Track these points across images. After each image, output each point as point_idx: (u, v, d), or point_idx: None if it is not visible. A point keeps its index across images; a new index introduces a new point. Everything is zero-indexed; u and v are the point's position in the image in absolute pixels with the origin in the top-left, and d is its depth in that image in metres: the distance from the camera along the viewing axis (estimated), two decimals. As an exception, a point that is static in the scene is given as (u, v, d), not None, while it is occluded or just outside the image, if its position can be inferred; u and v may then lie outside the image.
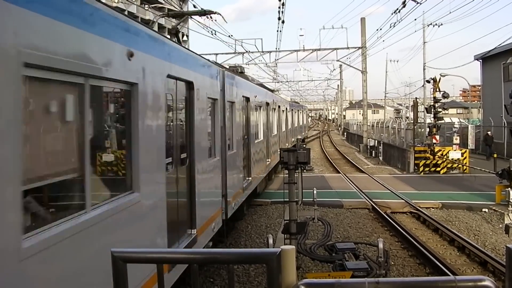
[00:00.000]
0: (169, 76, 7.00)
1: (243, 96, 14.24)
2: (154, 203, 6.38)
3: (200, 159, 8.82)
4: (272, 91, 27.43)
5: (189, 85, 8.23)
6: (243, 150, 14.00)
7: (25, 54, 3.59)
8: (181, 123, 8.14)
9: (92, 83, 4.70)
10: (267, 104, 20.56)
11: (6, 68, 3.42)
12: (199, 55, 9.77)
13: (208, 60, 10.76)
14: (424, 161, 27.47)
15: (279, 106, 25.94)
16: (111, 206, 5.06)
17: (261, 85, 22.45)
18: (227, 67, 16.30)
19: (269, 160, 20.70)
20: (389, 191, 20.35)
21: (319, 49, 45.75)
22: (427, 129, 30.12)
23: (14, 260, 3.44)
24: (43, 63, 3.85)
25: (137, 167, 5.74)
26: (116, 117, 6.05)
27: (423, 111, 39.24)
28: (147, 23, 9.62)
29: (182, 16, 14.58)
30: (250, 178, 15.13)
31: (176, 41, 9.29)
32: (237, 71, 15.36)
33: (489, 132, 33.02)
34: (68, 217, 4.24)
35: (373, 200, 18.44)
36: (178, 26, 12.39)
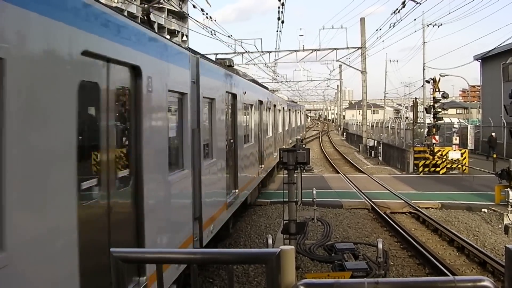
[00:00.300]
0: (88, 54, 4.63)
1: (227, 92, 11.80)
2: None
3: (154, 175, 6.42)
4: (267, 88, 25.12)
5: (134, 71, 5.86)
6: (227, 157, 11.37)
7: None
8: (120, 124, 5.80)
9: None
10: (260, 102, 18.39)
11: None
12: (157, 32, 7.53)
13: (173, 41, 8.32)
14: (424, 161, 27.49)
15: (274, 105, 24.08)
16: None
17: (254, 81, 19.44)
18: (214, 59, 15.10)
19: (262, 165, 18.38)
20: (389, 191, 20.36)
21: (318, 49, 45.76)
22: (426, 129, 30.12)
23: None
24: None
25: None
26: None
27: (422, 111, 39.24)
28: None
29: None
30: (236, 191, 12.58)
31: (149, 28, 7.00)
32: (225, 64, 13.01)
33: (493, 134, 32.96)
34: None
35: (373, 200, 18.44)
36: (150, 9, 10.60)
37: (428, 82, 31.59)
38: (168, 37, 10.46)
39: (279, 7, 25.90)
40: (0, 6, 3.36)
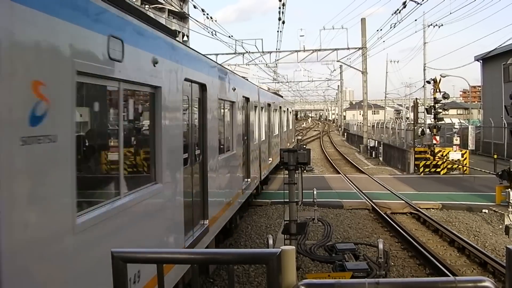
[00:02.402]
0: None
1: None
2: None
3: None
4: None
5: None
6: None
7: None
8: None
9: None
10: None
11: None
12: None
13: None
14: (424, 161, 27.48)
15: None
16: None
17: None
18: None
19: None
20: (389, 192, 20.35)
21: (319, 50, 45.76)
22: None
23: None
24: None
25: None
26: None
27: (423, 112, 39.22)
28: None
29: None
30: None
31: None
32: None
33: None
34: None
35: (373, 200, 18.44)
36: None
37: (428, 82, 31.57)
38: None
39: (279, 8, 25.99)
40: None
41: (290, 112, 36.86)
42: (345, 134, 74.02)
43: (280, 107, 27.31)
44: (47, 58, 3.90)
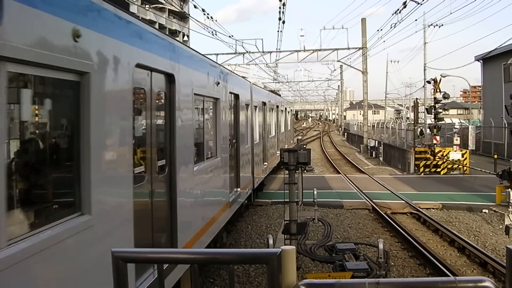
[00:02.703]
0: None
1: None
2: None
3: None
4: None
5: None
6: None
7: None
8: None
9: None
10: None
11: None
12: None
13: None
14: (425, 161, 27.48)
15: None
16: None
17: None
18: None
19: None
20: (389, 192, 20.35)
21: (319, 50, 45.78)
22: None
23: None
24: None
25: None
26: None
27: (423, 112, 39.22)
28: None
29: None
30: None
31: None
32: None
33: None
34: None
35: (373, 200, 18.44)
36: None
37: (429, 82, 31.57)
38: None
39: (280, 7, 26.01)
40: None
41: (289, 112, 34.97)
42: (345, 134, 74.03)
43: (277, 107, 25.58)
44: None
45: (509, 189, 15.65)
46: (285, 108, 30.77)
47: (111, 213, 4.89)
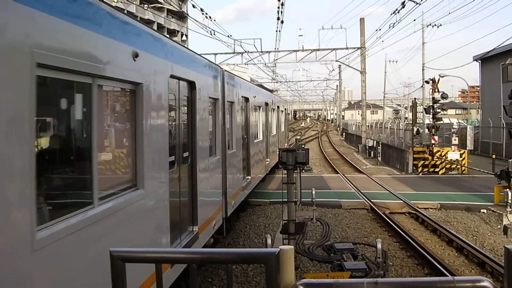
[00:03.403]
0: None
1: None
2: None
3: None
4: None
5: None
6: None
7: None
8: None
9: None
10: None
11: None
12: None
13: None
14: (423, 161, 27.50)
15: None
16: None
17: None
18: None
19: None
20: (388, 192, 20.36)
21: (318, 49, 45.75)
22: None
23: None
24: None
25: None
26: None
27: (422, 112, 39.27)
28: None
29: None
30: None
31: None
32: None
33: None
34: None
35: (372, 200, 18.44)
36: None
37: (427, 82, 31.61)
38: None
39: (278, 7, 26.01)
40: None
41: (283, 111, 30.75)
42: (344, 134, 74.08)
43: (267, 104, 21.77)
44: None
45: (507, 189, 15.67)
46: (278, 107, 27.23)
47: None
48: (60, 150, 4.74)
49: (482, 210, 16.78)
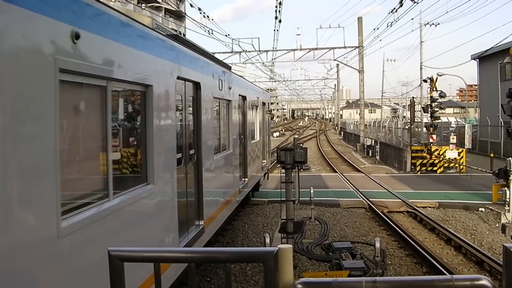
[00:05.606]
0: None
1: None
2: None
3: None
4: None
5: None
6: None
7: None
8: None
9: None
10: None
11: None
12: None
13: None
14: (421, 160, 27.53)
15: None
16: None
17: None
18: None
19: None
20: (386, 191, 20.38)
21: (316, 49, 45.74)
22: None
23: None
24: None
25: None
26: None
27: (420, 111, 39.31)
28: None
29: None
30: None
31: None
32: None
33: None
34: None
35: (370, 199, 18.46)
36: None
37: (425, 81, 31.65)
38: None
39: (276, 6, 25.98)
40: None
41: (260, 108, 18.84)
42: (342, 133, 74.16)
43: (245, 99, 14.84)
44: None
45: (506, 188, 15.69)
46: (258, 99, 18.07)
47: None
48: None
49: (480, 209, 16.81)
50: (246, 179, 15.10)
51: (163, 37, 7.28)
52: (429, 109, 28.47)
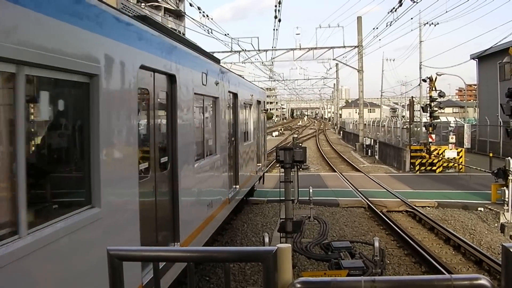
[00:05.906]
0: None
1: None
2: None
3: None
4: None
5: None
6: None
7: None
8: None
9: None
10: None
11: None
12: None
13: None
14: (420, 160, 27.55)
15: None
16: None
17: None
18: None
19: None
20: (385, 190, 20.38)
21: (315, 48, 45.71)
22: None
23: None
24: None
25: None
26: None
27: (419, 110, 39.32)
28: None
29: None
30: None
31: None
32: None
33: None
34: None
35: (369, 199, 18.46)
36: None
37: (424, 81, 31.66)
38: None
39: (276, 6, 25.99)
40: None
41: (255, 106, 17.38)
42: (341, 132, 74.16)
43: (236, 96, 13.71)
44: None
45: (505, 187, 15.70)
46: (252, 97, 16.76)
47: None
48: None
49: (479, 208, 16.82)
50: (237, 186, 13.56)
51: (117, 11, 5.69)
52: (428, 109, 28.47)
